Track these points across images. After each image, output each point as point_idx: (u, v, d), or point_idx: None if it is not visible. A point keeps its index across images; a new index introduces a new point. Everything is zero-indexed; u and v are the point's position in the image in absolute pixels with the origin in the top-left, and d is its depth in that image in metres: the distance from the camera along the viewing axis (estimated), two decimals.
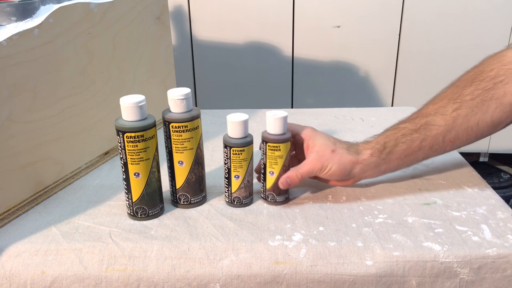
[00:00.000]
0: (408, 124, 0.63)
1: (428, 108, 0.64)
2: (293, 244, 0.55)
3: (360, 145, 0.64)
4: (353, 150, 0.62)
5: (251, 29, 1.41)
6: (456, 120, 0.61)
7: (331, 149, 0.61)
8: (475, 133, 0.62)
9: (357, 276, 0.52)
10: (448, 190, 0.66)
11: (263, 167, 0.62)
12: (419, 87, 1.46)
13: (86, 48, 0.70)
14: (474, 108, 0.61)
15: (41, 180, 0.65)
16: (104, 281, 0.52)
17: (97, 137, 0.76)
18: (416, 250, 0.53)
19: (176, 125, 0.58)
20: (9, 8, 0.60)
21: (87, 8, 0.69)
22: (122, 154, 0.57)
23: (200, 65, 1.47)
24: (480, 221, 0.58)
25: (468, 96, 0.61)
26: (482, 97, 0.60)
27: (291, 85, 1.48)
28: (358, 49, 1.43)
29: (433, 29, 1.39)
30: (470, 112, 0.61)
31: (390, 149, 0.62)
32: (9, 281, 0.52)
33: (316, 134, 0.63)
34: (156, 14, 0.88)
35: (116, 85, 0.78)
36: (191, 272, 0.53)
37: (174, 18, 1.42)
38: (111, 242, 0.55)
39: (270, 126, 0.60)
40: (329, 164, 0.61)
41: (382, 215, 0.60)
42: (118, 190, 0.68)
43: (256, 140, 0.63)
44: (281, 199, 0.62)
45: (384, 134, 0.64)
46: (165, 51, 0.93)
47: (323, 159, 0.61)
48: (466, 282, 0.53)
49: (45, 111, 0.64)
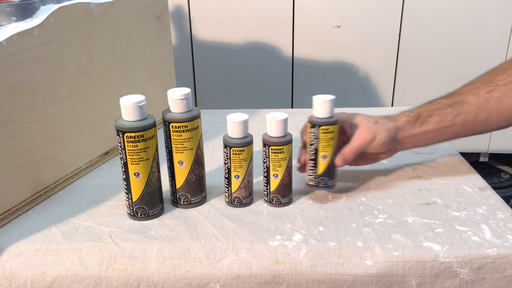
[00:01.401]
0: (443, 100, 0.65)
1: (463, 89, 0.66)
2: (293, 244, 0.54)
3: (394, 115, 0.66)
4: (391, 119, 0.65)
5: (251, 29, 1.41)
6: (489, 102, 0.62)
7: (374, 121, 0.63)
8: (506, 117, 0.63)
9: (357, 276, 0.52)
10: (448, 190, 0.66)
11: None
12: (419, 87, 1.46)
13: (86, 48, 0.70)
14: (507, 93, 0.62)
15: (41, 180, 0.65)
16: (104, 281, 0.52)
17: (97, 137, 0.76)
18: (416, 250, 0.53)
19: (176, 125, 0.58)
20: (9, 8, 0.60)
21: (87, 8, 0.69)
22: (122, 154, 0.57)
23: (200, 65, 1.47)
24: (480, 221, 0.58)
25: (501, 82, 0.63)
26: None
27: (291, 85, 1.48)
28: (358, 49, 1.43)
29: (433, 29, 1.39)
30: (503, 96, 0.62)
31: (423, 119, 0.64)
32: (9, 281, 0.52)
33: (352, 114, 0.65)
34: (156, 14, 0.88)
35: (116, 85, 0.78)
36: (191, 272, 0.53)
37: (174, 18, 1.41)
38: (111, 242, 0.55)
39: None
40: (378, 134, 0.62)
41: (382, 215, 0.60)
42: (118, 190, 0.68)
43: (256, 140, 0.63)
44: (285, 201, 0.63)
45: (418, 107, 0.66)
46: (165, 51, 0.93)
47: (371, 129, 0.62)
48: (466, 282, 0.53)
49: (45, 111, 0.64)
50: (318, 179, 0.62)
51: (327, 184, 0.63)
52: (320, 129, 0.60)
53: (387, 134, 0.62)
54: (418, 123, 0.64)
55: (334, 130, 0.61)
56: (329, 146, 0.61)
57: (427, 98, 0.67)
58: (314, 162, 0.62)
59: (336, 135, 0.61)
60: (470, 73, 0.69)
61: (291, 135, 0.61)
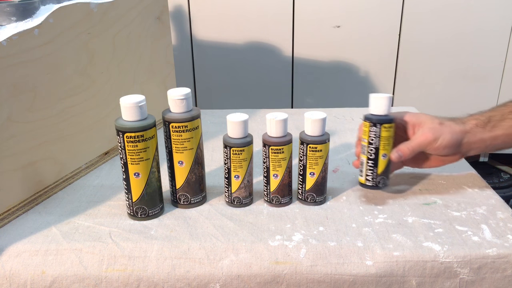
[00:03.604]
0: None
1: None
2: (293, 244, 0.54)
3: (463, 117, 0.63)
4: (459, 122, 0.62)
5: (251, 29, 1.41)
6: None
7: (439, 122, 0.61)
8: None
9: (357, 276, 0.52)
10: (448, 190, 0.66)
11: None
12: (419, 87, 1.46)
13: (86, 48, 0.70)
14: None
15: (41, 180, 0.65)
16: (104, 281, 0.52)
17: (97, 137, 0.76)
18: (416, 250, 0.53)
19: (176, 125, 0.58)
20: (9, 8, 0.60)
21: (87, 8, 0.69)
22: (122, 154, 0.57)
23: (200, 65, 1.47)
24: (480, 221, 0.58)
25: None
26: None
27: (291, 85, 1.48)
28: (358, 49, 1.43)
29: (433, 29, 1.39)
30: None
31: (495, 123, 0.61)
32: (9, 281, 0.52)
33: (417, 114, 0.63)
34: (156, 14, 0.88)
35: (116, 85, 0.78)
36: (191, 272, 0.53)
37: (174, 18, 1.41)
38: (111, 242, 0.55)
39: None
40: (441, 136, 0.60)
41: (382, 215, 0.60)
42: (118, 190, 0.68)
43: (256, 140, 0.63)
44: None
45: (490, 110, 0.63)
46: (165, 51, 0.93)
47: (434, 130, 0.60)
48: (466, 282, 0.53)
49: (45, 111, 0.64)
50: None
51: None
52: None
53: (451, 137, 0.60)
54: (489, 127, 0.61)
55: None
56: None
57: (427, 98, 0.67)
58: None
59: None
60: (470, 73, 0.69)
61: (291, 135, 0.61)
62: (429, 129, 0.60)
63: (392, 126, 0.60)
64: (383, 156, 0.61)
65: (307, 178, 0.61)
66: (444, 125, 0.61)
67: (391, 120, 0.60)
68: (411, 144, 0.61)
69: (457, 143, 0.61)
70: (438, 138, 0.60)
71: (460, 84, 1.44)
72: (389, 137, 0.60)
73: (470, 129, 0.61)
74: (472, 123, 0.61)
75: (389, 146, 0.61)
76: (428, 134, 0.60)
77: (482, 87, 1.45)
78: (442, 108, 1.46)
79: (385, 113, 0.60)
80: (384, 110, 0.60)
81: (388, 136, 0.60)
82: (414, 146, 0.60)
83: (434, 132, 0.60)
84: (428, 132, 0.60)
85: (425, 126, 0.61)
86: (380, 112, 0.60)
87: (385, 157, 0.61)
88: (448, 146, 0.60)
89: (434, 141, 0.60)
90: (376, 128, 0.60)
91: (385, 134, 0.60)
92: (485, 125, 0.61)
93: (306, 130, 0.60)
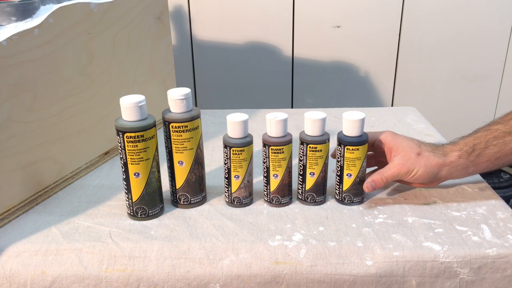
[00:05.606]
0: (501, 126, 0.61)
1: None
2: (293, 244, 0.54)
3: (446, 146, 0.62)
4: (440, 152, 0.61)
5: (251, 29, 1.41)
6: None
7: (416, 152, 0.60)
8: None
9: (357, 276, 0.52)
10: (448, 190, 0.66)
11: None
12: (419, 87, 1.46)
13: (86, 48, 0.70)
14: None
15: (41, 180, 0.65)
16: (104, 281, 0.52)
17: (97, 137, 0.76)
18: (416, 250, 0.53)
19: (176, 125, 0.58)
20: (9, 8, 0.60)
21: (87, 8, 0.69)
22: (122, 154, 0.57)
23: (200, 65, 1.47)
24: (480, 221, 0.58)
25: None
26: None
27: (291, 85, 1.48)
28: (358, 49, 1.43)
29: (433, 29, 1.39)
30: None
31: (479, 152, 0.60)
32: (9, 281, 0.52)
33: (397, 136, 0.62)
34: (156, 14, 0.88)
35: (116, 85, 0.78)
36: (191, 272, 0.53)
37: (174, 18, 1.41)
38: (111, 242, 0.55)
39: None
40: (415, 168, 0.59)
41: (382, 215, 0.60)
42: (118, 190, 0.68)
43: (256, 140, 0.63)
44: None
45: (473, 136, 0.62)
46: (165, 51, 0.93)
47: (408, 163, 0.60)
48: (466, 282, 0.53)
49: (45, 111, 0.64)
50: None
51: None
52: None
53: (425, 170, 0.59)
54: (472, 157, 0.60)
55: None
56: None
57: (427, 98, 0.67)
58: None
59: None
60: (470, 73, 0.68)
61: (291, 135, 0.61)
62: (404, 160, 0.60)
63: (359, 148, 0.59)
64: (347, 176, 0.61)
65: (307, 178, 0.61)
66: (421, 156, 0.60)
67: (357, 143, 0.59)
68: (385, 175, 0.60)
69: (431, 176, 0.60)
70: (412, 170, 0.60)
71: (460, 84, 1.44)
72: (354, 158, 0.60)
73: (450, 162, 0.60)
74: (454, 155, 0.60)
75: (355, 167, 0.60)
76: (401, 167, 0.60)
77: (482, 88, 1.45)
78: (442, 108, 1.46)
79: (354, 135, 0.59)
80: (353, 132, 0.59)
81: (353, 157, 0.60)
82: (388, 177, 0.60)
83: (408, 165, 0.60)
84: (402, 164, 0.60)
85: (400, 155, 0.60)
86: (348, 133, 0.60)
87: (350, 176, 0.61)
88: (422, 178, 0.60)
89: (407, 173, 0.60)
90: (341, 147, 0.60)
91: (348, 155, 0.60)
92: (468, 155, 0.60)
93: (306, 130, 0.60)
